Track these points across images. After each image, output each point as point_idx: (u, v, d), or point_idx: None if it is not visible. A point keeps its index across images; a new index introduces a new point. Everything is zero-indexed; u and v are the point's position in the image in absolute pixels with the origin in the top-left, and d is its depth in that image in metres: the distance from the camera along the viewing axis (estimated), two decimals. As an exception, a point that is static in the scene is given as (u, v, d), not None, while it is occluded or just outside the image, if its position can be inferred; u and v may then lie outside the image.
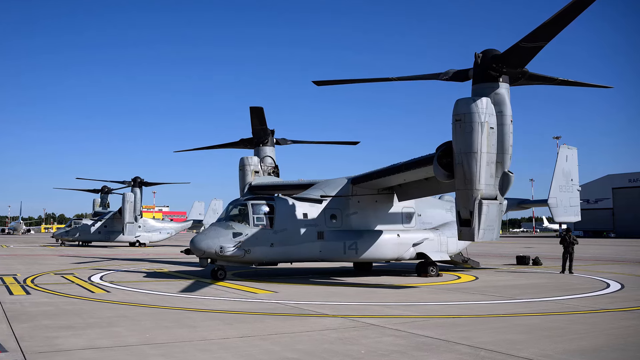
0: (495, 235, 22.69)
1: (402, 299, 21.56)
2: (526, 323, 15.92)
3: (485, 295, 22.38)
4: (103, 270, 34.51)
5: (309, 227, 29.41)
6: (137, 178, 75.76)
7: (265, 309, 18.57)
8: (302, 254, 29.42)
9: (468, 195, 22.13)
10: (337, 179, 31.62)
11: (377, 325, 15.45)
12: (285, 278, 29.81)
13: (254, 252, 28.11)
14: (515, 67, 22.48)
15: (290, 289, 24.86)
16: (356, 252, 29.84)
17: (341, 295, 22.45)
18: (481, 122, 21.79)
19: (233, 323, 15.79)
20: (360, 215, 30.60)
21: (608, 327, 15.43)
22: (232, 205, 29.95)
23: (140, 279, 29.58)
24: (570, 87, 25.15)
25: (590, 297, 22.07)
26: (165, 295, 22.28)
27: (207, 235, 28.12)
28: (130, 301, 20.52)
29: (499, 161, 22.45)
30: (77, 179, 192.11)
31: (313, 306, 19.23)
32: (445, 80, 24.13)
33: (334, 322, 16.02)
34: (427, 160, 24.99)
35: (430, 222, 33.06)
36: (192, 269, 35.44)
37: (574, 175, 37.74)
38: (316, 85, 26.80)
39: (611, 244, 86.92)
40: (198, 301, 20.67)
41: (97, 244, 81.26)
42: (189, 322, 15.90)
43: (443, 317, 17.00)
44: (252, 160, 37.33)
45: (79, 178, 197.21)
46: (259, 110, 37.60)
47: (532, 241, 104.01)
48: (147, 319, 16.44)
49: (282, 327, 15.21)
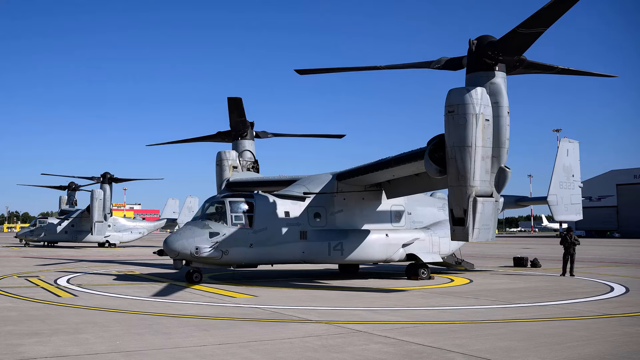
0: (490, 235, 22.73)
1: (391, 303, 21.60)
2: (524, 329, 15.97)
3: (480, 300, 22.46)
4: (70, 273, 34.39)
5: (291, 227, 29.38)
6: (106, 174, 75.54)
7: (244, 314, 18.55)
8: (283, 255, 29.40)
9: (462, 192, 22.16)
10: (321, 175, 31.62)
11: (364, 331, 15.47)
12: (266, 281, 29.81)
13: (232, 253, 28.05)
14: (513, 54, 22.49)
15: (270, 292, 24.86)
16: (342, 253, 29.84)
17: (325, 300, 22.47)
18: (476, 113, 21.82)
19: (209, 329, 15.77)
20: (346, 214, 30.62)
21: (612, 333, 15.49)
22: (209, 203, 29.89)
23: (110, 282, 29.50)
24: (572, 76, 25.18)
25: (593, 301, 22.19)
26: (137, 300, 22.23)
27: (182, 235, 28.03)
28: (99, 306, 20.45)
29: (494, 156, 22.47)
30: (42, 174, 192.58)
31: (295, 311, 19.24)
32: (437, 68, 24.14)
33: (317, 328, 16.03)
34: (418, 155, 25.00)
35: (421, 221, 33.12)
36: (166, 272, 35.39)
37: (575, 170, 37.88)
38: (299, 74, 26.77)
39: (615, 244, 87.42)
40: (172, 306, 20.62)
41: (63, 245, 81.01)
42: (162, 329, 15.86)
43: (435, 323, 17.05)
44: (230, 155, 37.30)
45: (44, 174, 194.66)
46: (237, 101, 37.55)
47: (530, 241, 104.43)
48: (117, 325, 16.39)
49: (262, 333, 15.20)
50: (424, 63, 24.48)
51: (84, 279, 30.99)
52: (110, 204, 75.99)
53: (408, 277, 30.95)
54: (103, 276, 32.68)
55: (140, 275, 33.54)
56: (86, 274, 33.79)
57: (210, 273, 33.21)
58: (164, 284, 28.18)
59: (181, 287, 26.68)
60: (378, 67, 25.07)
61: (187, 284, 27.71)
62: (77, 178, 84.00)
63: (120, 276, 32.72)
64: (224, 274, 33.67)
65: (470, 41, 22.87)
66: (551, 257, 50.88)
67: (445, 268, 36.09)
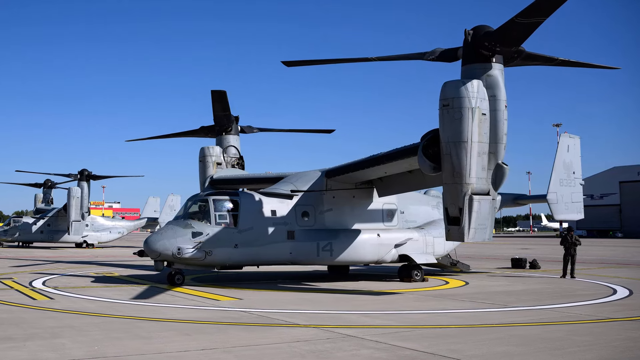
0: (487, 235, 22.77)
1: (383, 306, 21.66)
2: (522, 334, 16.01)
3: (477, 303, 22.51)
4: (46, 275, 34.28)
5: (278, 226, 29.38)
6: (84, 171, 75.29)
7: (229, 318, 18.56)
8: (270, 256, 29.39)
9: (457, 190, 22.18)
10: (309, 172, 31.60)
11: (354, 336, 15.48)
12: (251, 283, 29.81)
13: (215, 254, 28.04)
14: (510, 45, 22.52)
15: (256, 295, 24.87)
16: (331, 253, 29.87)
17: (314, 303, 22.49)
18: (472, 107, 21.83)
19: (192, 334, 15.77)
20: (336, 213, 30.62)
21: (615, 338, 15.53)
22: (192, 202, 29.87)
23: (88, 284, 29.45)
24: (572, 68, 25.23)
25: (595, 304, 22.24)
26: (116, 303, 22.20)
27: (163, 235, 28.00)
28: (77, 309, 20.42)
29: (491, 151, 22.51)
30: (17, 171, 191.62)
31: (282, 315, 19.24)
32: (432, 60, 24.16)
33: (305, 332, 16.05)
34: (411, 151, 25.01)
35: (415, 220, 33.16)
36: (146, 273, 35.34)
37: (576, 167, 37.93)
38: (286, 66, 26.77)
39: (618, 244, 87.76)
40: (153, 309, 20.62)
41: (39, 245, 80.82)
42: (142, 333, 15.85)
43: (429, 328, 17.08)
44: (214, 151, 37.21)
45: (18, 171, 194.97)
46: (221, 94, 37.47)
47: (529, 242, 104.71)
48: (95, 330, 16.36)
49: (247, 338, 15.20)
50: (417, 54, 24.50)
51: (61, 281, 30.93)
52: (88, 202, 75.76)
53: (401, 279, 30.97)
54: (81, 278, 32.61)
55: (120, 277, 33.48)
56: (63, 276, 33.72)
57: (193, 275, 33.16)
58: (144, 286, 28.16)
59: (162, 289, 26.64)
60: (369, 59, 25.08)
61: (169, 286, 27.66)
62: (54, 175, 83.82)
63: (99, 278, 32.68)
64: (208, 275, 33.64)
65: (466, 31, 22.89)
66: (551, 258, 50.98)
67: (439, 270, 36.16)
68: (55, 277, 33.24)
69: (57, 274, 34.90)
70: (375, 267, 39.15)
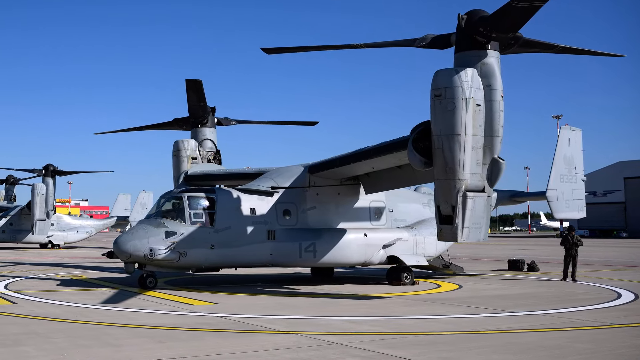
0: (482, 235, 22.84)
1: (370, 311, 21.69)
2: (520, 341, 16.07)
3: (471, 308, 22.59)
4: (8, 277, 34.18)
5: (258, 225, 29.35)
6: (49, 166, 74.98)
7: (204, 324, 18.56)
8: (248, 258, 29.39)
9: (450, 187, 22.21)
10: (291, 167, 31.63)
11: (339, 343, 15.50)
12: (229, 287, 29.81)
13: (190, 255, 28.02)
14: (507, 31, 22.53)
15: (234, 299, 24.92)
16: (314, 255, 29.83)
17: (296, 308, 22.55)
18: (465, 97, 21.84)
19: (165, 341, 15.77)
20: (320, 211, 30.63)
21: (619, 345, 15.60)
22: (165, 199, 29.84)
23: (54, 287, 29.44)
24: (574, 55, 25.33)
25: (598, 309, 22.37)
26: (84, 308, 22.21)
27: (134, 235, 27.98)
28: (41, 315, 20.38)
29: (487, 145, 22.54)
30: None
31: (262, 320, 19.27)
32: (423, 47, 24.17)
33: (287, 339, 16.06)
34: (400, 145, 25.02)
35: (404, 219, 33.18)
36: (116, 276, 35.28)
37: (577, 162, 38.01)
38: (266, 53, 26.74)
39: (622, 245, 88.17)
40: (123, 314, 20.60)
41: (0, 246, 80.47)
42: (111, 340, 15.84)
43: (420, 334, 17.13)
44: (189, 145, 37.16)
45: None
46: (196, 83, 37.41)
47: (527, 242, 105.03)
48: (61, 336, 16.35)
49: (224, 345, 15.21)
50: (407, 41, 24.50)
51: (24, 284, 30.88)
52: (54, 199, 75.56)
53: (389, 282, 31.04)
54: (45, 281, 32.55)
55: (88, 280, 33.44)
56: (26, 279, 33.64)
57: (166, 277, 33.20)
58: (114, 289, 28.12)
59: (133, 293, 26.65)
60: (356, 46, 25.08)
61: (140, 289, 27.65)
62: (16, 170, 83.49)
63: (65, 281, 32.65)
64: (182, 278, 33.67)
65: (460, 16, 22.90)
66: (550, 259, 51.22)
67: (431, 272, 36.23)
68: (19, 280, 33.16)
69: (20, 277, 34.80)
70: (361, 270, 39.19)
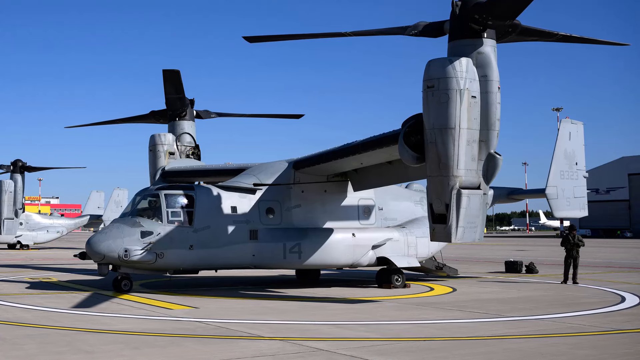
0: (477, 234, 22.86)
1: (359, 316, 21.74)
2: (518, 347, 16.12)
3: (465, 312, 22.64)
4: (-29, 281, 34.13)
5: (239, 225, 29.35)
6: (17, 161, 74.90)
7: (183, 330, 18.59)
8: (230, 259, 29.39)
9: (443, 184, 22.20)
10: (274, 163, 31.63)
11: (325, 350, 15.53)
12: (209, 290, 29.88)
13: (168, 256, 28.00)
14: (504, 18, 22.53)
15: (214, 303, 24.95)
16: (299, 256, 29.83)
17: (280, 312, 22.59)
18: (460, 89, 21.82)
19: (141, 347, 15.78)
20: (305, 209, 30.65)
21: (623, 352, 15.66)
22: (140, 197, 29.81)
23: (23, 290, 29.42)
24: (575, 44, 25.32)
25: (600, 314, 22.40)
26: (55, 312, 22.19)
27: (108, 235, 27.94)
28: (9, 320, 20.40)
29: (482, 139, 22.56)
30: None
31: (244, 326, 19.30)
32: (414, 35, 24.16)
33: (271, 346, 16.09)
34: (391, 139, 25.04)
35: (395, 217, 33.23)
36: (89, 278, 35.30)
37: (579, 157, 38.03)
38: (248, 42, 26.70)
39: (627, 245, 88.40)
40: (96, 319, 20.62)
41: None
42: (84, 347, 15.84)
43: (411, 340, 17.17)
44: (166, 139, 37.11)
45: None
46: (174, 74, 37.36)
47: (525, 242, 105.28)
48: (31, 343, 16.37)
49: (203, 352, 15.24)
50: (398, 29, 24.48)
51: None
52: (23, 197, 75.46)
53: (379, 285, 31.08)
54: (14, 284, 32.53)
55: (59, 282, 33.45)
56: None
57: (142, 280, 33.16)
58: (86, 293, 28.14)
59: (107, 296, 26.64)
60: (343, 34, 25.06)
61: (115, 293, 27.67)
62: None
63: (35, 284, 32.62)
64: (159, 281, 33.64)
65: (454, 2, 22.85)
66: (550, 261, 51.38)
67: (423, 274, 36.25)
68: (-17, 283, 33.09)
69: (-15, 280, 34.75)
70: (349, 272, 39.27)
